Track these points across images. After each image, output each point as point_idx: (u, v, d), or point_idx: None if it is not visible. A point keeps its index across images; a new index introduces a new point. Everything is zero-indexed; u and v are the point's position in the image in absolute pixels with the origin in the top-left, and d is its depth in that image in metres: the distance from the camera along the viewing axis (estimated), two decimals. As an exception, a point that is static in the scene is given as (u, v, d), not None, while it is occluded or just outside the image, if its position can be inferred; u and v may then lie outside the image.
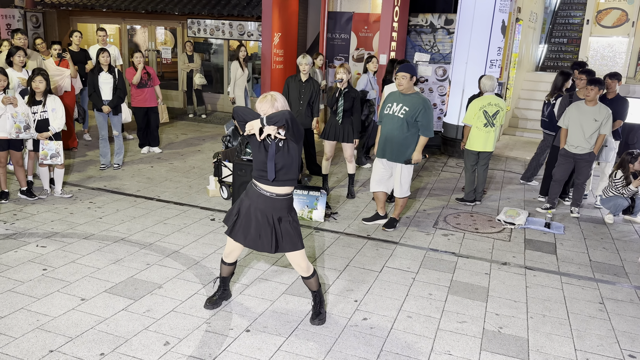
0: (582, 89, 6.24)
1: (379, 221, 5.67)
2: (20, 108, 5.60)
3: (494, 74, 8.78)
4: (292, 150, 3.32)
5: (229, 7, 11.39)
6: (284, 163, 3.32)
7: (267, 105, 3.24)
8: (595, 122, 5.91)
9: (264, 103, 3.24)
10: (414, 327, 3.73)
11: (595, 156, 6.14)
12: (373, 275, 4.51)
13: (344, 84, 6.38)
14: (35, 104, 5.69)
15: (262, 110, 3.23)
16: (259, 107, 3.25)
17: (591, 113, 5.93)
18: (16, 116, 5.55)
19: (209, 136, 9.97)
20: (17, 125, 5.56)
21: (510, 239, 5.51)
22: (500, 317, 3.93)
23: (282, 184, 3.36)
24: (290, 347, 3.40)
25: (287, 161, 3.32)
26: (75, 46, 8.56)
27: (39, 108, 5.72)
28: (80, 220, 5.41)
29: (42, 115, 5.75)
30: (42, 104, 5.73)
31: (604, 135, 5.96)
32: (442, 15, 10.09)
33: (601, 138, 5.96)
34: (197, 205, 6.05)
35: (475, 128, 6.34)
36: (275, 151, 3.27)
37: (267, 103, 3.24)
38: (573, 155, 6.16)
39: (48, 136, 5.80)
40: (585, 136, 5.99)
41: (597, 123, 5.90)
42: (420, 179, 7.71)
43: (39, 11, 13.12)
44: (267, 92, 3.34)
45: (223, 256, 3.73)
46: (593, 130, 5.94)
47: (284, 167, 3.32)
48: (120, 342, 3.35)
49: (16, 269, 4.26)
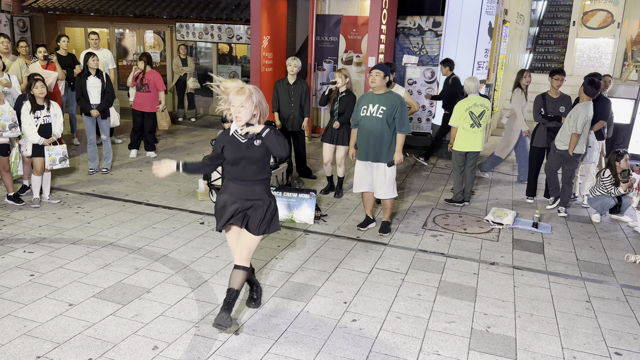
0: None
1: (372, 225, 5.68)
2: (6, 106, 5.56)
3: (481, 75, 8.84)
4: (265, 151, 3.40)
5: (218, 11, 11.37)
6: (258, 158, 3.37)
7: (244, 97, 3.21)
8: (570, 118, 6.10)
9: (241, 96, 3.21)
10: (402, 327, 3.74)
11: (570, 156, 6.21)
12: (362, 276, 4.52)
13: (341, 88, 6.42)
14: (38, 109, 5.65)
15: (238, 101, 3.20)
16: (234, 98, 3.21)
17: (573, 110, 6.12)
18: (1, 114, 5.51)
19: (198, 140, 9.95)
20: (2, 123, 5.52)
21: (498, 239, 5.55)
22: (489, 317, 3.95)
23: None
24: (279, 349, 3.41)
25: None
26: (64, 50, 8.52)
27: (43, 112, 5.68)
28: (69, 225, 5.38)
29: (46, 119, 5.71)
30: (46, 108, 5.70)
31: (576, 135, 6.03)
32: (430, 17, 10.15)
33: (574, 137, 6.04)
34: (186, 209, 6.04)
35: (461, 129, 6.39)
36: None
37: (244, 96, 3.21)
38: (556, 150, 6.35)
39: (53, 141, 5.76)
40: (564, 131, 6.20)
41: (570, 120, 6.08)
42: (409, 180, 7.75)
43: (26, 15, 13.02)
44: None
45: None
46: (568, 127, 6.13)
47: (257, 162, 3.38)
48: (109, 347, 3.33)
49: (3, 275, 4.22)
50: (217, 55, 12.09)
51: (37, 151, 5.74)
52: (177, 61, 11.15)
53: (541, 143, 6.74)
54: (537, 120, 6.73)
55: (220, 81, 3.30)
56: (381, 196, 5.42)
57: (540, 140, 6.73)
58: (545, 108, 6.61)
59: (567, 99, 6.66)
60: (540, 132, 6.71)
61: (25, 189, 6.19)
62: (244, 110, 3.22)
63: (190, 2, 11.77)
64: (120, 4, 12.18)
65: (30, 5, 12.64)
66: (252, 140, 3.37)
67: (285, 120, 7.16)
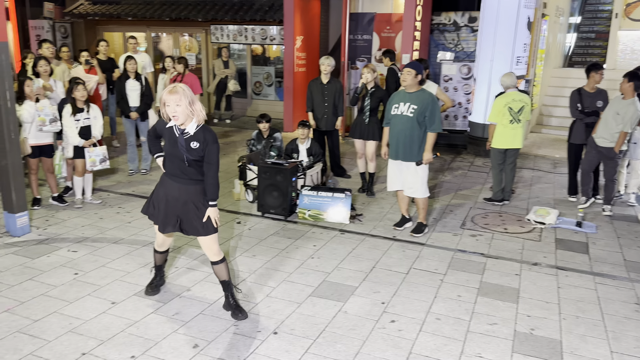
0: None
1: (408, 224, 5.61)
2: (46, 102, 5.74)
3: (520, 71, 8.63)
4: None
5: (252, 12, 11.47)
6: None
7: (177, 96, 3.33)
8: (618, 115, 5.83)
9: (174, 95, 3.33)
10: (443, 329, 3.67)
11: (615, 154, 5.98)
12: (400, 277, 4.47)
13: (369, 84, 6.38)
14: (79, 112, 5.82)
15: (173, 100, 3.33)
16: (168, 98, 3.34)
17: (618, 106, 5.87)
18: (42, 109, 5.69)
19: (233, 140, 10.04)
20: (42, 118, 5.69)
21: (540, 239, 5.40)
22: (532, 319, 3.84)
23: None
24: (318, 349, 3.39)
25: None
26: (103, 55, 8.73)
27: (83, 115, 5.84)
28: (110, 225, 5.51)
29: (86, 122, 5.87)
30: (86, 111, 5.86)
31: (624, 133, 5.81)
32: (466, 13, 9.96)
33: (622, 135, 5.82)
34: (223, 209, 6.09)
35: (501, 125, 6.24)
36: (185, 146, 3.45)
37: (178, 94, 3.33)
38: (596, 146, 6.12)
39: (92, 143, 5.92)
40: (608, 128, 5.95)
41: (619, 117, 5.82)
42: (447, 179, 7.62)
43: (67, 22, 13.44)
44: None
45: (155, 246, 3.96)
46: (615, 124, 5.88)
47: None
48: (150, 345, 3.38)
49: (49, 274, 4.35)
50: (250, 56, 12.19)
51: (78, 153, 5.89)
52: (218, 63, 11.30)
53: (579, 139, 6.52)
54: (574, 116, 6.51)
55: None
56: (411, 195, 5.34)
57: (579, 136, 6.51)
58: (582, 103, 6.40)
59: (604, 93, 6.43)
60: (578, 128, 6.50)
61: (68, 190, 6.37)
62: (180, 108, 3.34)
63: (225, 5, 11.91)
64: (156, 8, 12.43)
65: (71, 12, 13.04)
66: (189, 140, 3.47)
67: (319, 120, 7.15)
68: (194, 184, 3.54)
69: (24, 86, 5.64)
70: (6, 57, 4.85)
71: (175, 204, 3.57)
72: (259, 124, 6.96)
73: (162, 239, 3.87)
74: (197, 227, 3.57)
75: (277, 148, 6.96)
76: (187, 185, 3.54)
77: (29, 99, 5.67)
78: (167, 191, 3.59)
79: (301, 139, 6.75)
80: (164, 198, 3.61)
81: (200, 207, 3.56)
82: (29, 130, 5.70)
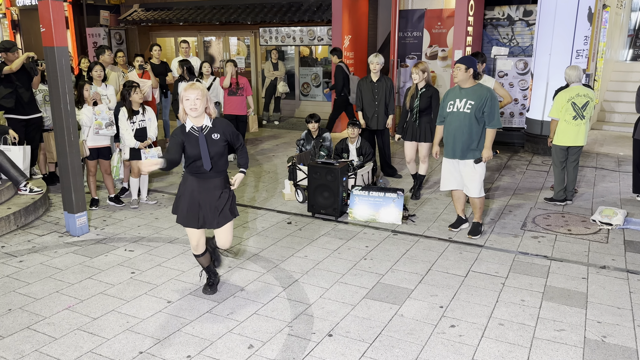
0: None
1: (464, 225, 5.40)
2: (104, 107, 5.89)
3: (580, 64, 8.21)
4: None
5: (300, 13, 11.47)
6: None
7: (200, 92, 3.54)
8: None
9: (196, 90, 3.53)
10: (507, 335, 3.48)
11: None
12: (458, 280, 4.29)
13: (420, 84, 6.21)
14: (134, 114, 5.95)
15: (194, 94, 3.51)
16: (189, 92, 3.52)
17: None
18: (99, 113, 5.84)
19: (282, 141, 10.06)
20: (99, 122, 5.84)
21: (607, 241, 5.08)
22: (603, 325, 3.59)
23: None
24: (374, 353, 3.28)
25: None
26: (156, 59, 8.93)
27: (138, 117, 5.97)
28: (165, 225, 5.59)
29: (141, 124, 6.00)
30: (141, 113, 5.99)
31: None
32: (520, 6, 9.60)
33: None
34: (273, 209, 6.08)
35: (563, 121, 5.93)
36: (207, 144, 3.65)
37: (199, 90, 3.54)
38: None
39: (148, 144, 6.04)
40: None
41: None
42: (504, 178, 7.33)
43: (121, 28, 13.90)
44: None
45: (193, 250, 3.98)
46: None
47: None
48: (206, 345, 3.37)
49: (107, 273, 4.44)
50: (298, 58, 12.20)
51: (135, 155, 6.01)
52: (268, 65, 11.38)
53: None
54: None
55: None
56: (471, 195, 5.12)
57: None
58: None
59: None
60: None
61: (124, 191, 6.53)
62: (199, 102, 3.55)
63: (273, 7, 11.98)
64: (206, 12, 12.64)
65: (126, 19, 13.46)
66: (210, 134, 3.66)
67: (369, 119, 7.03)
68: (217, 177, 3.76)
69: (83, 90, 5.81)
70: (66, 61, 5.00)
71: (203, 198, 3.73)
72: (308, 124, 6.92)
73: (196, 241, 3.88)
74: (225, 211, 3.76)
75: (326, 148, 6.90)
76: (213, 179, 3.75)
77: (87, 103, 5.84)
78: (194, 188, 3.74)
79: (351, 138, 6.66)
80: (189, 195, 3.75)
81: (225, 191, 3.80)
82: (87, 133, 5.87)
